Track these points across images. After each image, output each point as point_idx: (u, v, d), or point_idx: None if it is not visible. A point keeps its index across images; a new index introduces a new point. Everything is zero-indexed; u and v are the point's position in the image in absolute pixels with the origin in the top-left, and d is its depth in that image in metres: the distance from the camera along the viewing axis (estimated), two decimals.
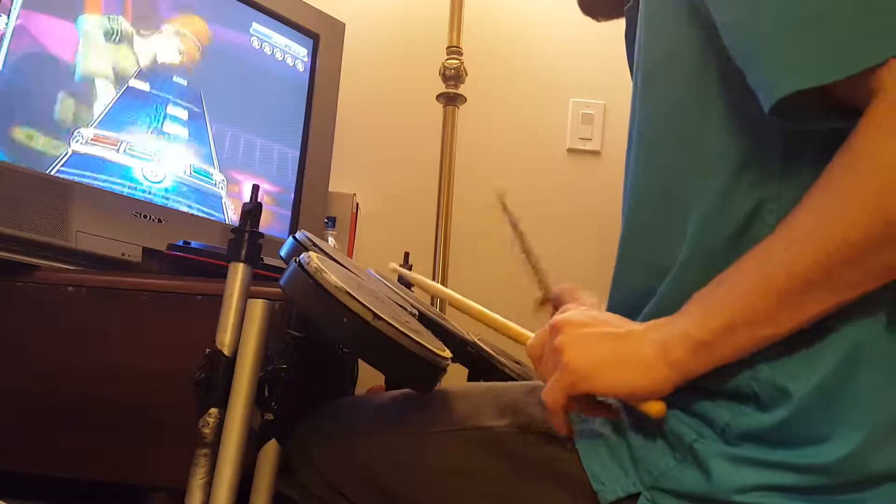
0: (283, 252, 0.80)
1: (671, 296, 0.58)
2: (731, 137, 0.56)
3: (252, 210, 0.73)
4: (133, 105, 1.12)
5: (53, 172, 1.02)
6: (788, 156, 0.54)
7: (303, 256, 0.64)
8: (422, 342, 0.63)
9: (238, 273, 0.72)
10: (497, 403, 0.67)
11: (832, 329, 0.52)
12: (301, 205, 1.36)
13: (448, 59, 1.55)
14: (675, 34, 0.59)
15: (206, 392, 0.69)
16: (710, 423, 0.56)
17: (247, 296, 0.71)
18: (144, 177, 1.13)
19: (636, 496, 0.57)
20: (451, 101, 1.55)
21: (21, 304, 0.91)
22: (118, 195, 1.08)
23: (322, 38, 1.43)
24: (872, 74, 0.46)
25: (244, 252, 0.72)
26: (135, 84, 1.13)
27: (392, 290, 0.85)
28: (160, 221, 1.10)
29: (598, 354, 0.55)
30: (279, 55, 1.36)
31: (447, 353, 0.66)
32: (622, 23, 0.74)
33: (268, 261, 0.90)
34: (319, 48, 1.42)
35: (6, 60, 0.98)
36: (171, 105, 1.17)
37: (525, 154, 1.76)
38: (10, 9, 0.99)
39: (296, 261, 0.64)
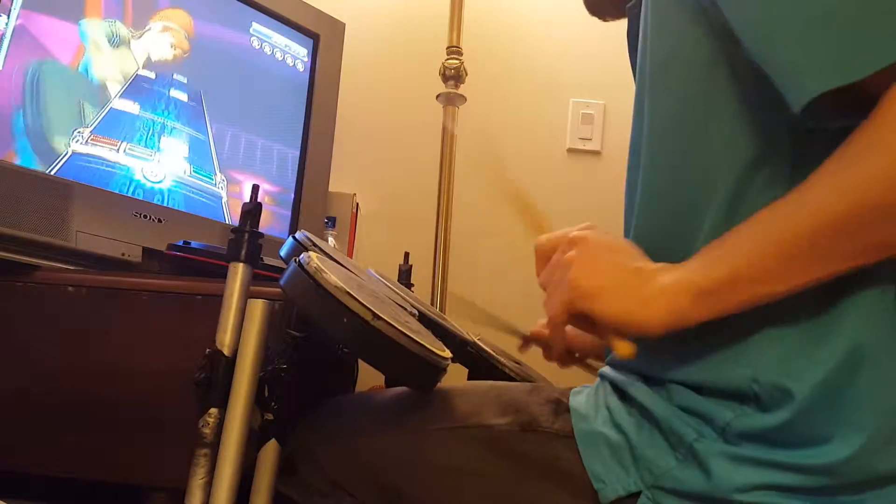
0: (283, 252, 0.80)
1: None
2: (741, 139, 0.56)
3: (252, 210, 0.73)
4: (133, 105, 1.12)
5: (53, 172, 1.02)
6: (799, 158, 0.54)
7: (303, 256, 0.64)
8: (422, 342, 0.63)
9: (238, 273, 0.71)
10: (498, 402, 0.67)
11: (832, 331, 0.53)
12: (301, 205, 1.36)
13: (448, 59, 1.55)
14: (682, 34, 0.59)
15: (206, 392, 0.69)
16: (711, 423, 0.56)
17: (247, 296, 0.71)
18: (144, 177, 1.13)
19: (636, 495, 0.57)
20: (451, 101, 1.55)
21: (21, 304, 0.91)
22: (118, 195, 1.08)
23: (322, 38, 1.43)
24: None
25: (244, 252, 0.72)
26: (135, 84, 1.13)
27: (392, 290, 0.85)
28: (160, 221, 1.10)
29: (604, 279, 0.56)
30: (279, 55, 1.36)
31: (447, 353, 0.66)
32: (623, 22, 0.74)
33: (268, 261, 0.90)
34: (319, 48, 1.42)
35: (6, 60, 0.98)
36: (172, 105, 1.17)
37: (525, 154, 1.76)
38: (10, 8, 0.99)
39: (296, 261, 0.64)
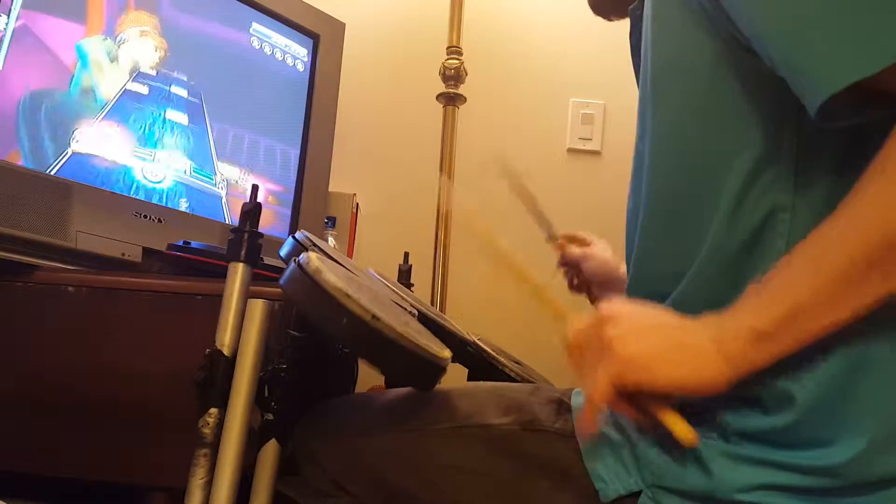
0: (283, 252, 0.80)
1: (683, 301, 0.58)
2: (745, 141, 0.55)
3: (252, 210, 0.73)
4: (133, 105, 1.12)
5: (53, 172, 1.02)
6: (802, 164, 0.54)
7: (302, 257, 0.64)
8: (422, 342, 0.63)
9: (238, 273, 0.71)
10: (500, 402, 0.67)
11: (836, 334, 0.52)
12: (301, 205, 1.36)
13: (448, 59, 1.55)
14: (685, 37, 0.58)
15: (206, 392, 0.69)
16: (713, 423, 0.56)
17: (247, 296, 0.71)
18: (144, 177, 1.13)
19: (637, 494, 0.57)
20: (451, 101, 1.55)
21: (21, 304, 0.91)
22: (118, 195, 1.08)
23: (322, 38, 1.43)
24: None
25: (244, 252, 0.72)
26: (135, 84, 1.13)
27: (392, 291, 0.85)
28: (160, 221, 1.10)
29: (652, 344, 0.53)
30: (279, 55, 1.36)
31: (447, 353, 0.66)
32: (624, 23, 0.74)
33: (268, 261, 0.90)
34: (319, 48, 1.42)
35: (6, 60, 0.98)
36: (172, 105, 1.17)
37: (525, 154, 1.76)
38: (10, 8, 0.99)
39: (295, 261, 0.64)
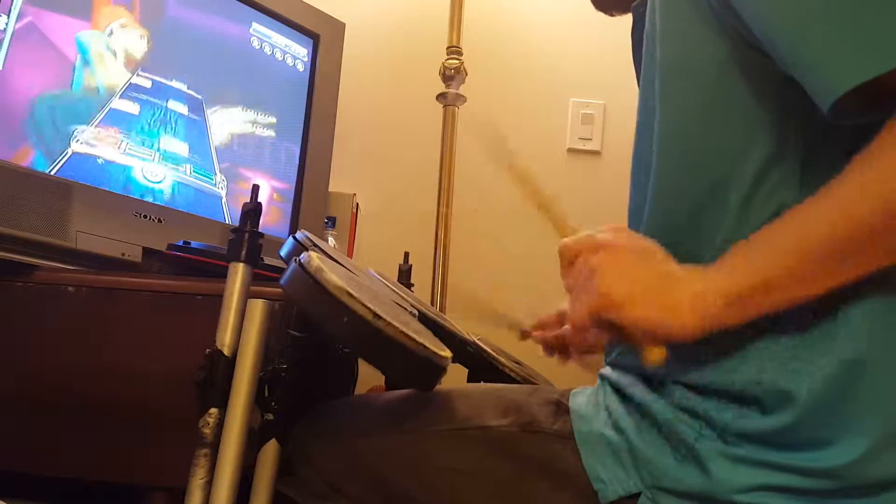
0: (283, 252, 0.80)
1: None
2: (752, 139, 0.55)
3: (252, 210, 0.73)
4: (134, 105, 1.12)
5: (53, 172, 1.02)
6: (808, 163, 0.54)
7: (303, 256, 0.64)
8: (422, 342, 0.63)
9: (238, 273, 0.71)
10: (499, 403, 0.67)
11: (836, 334, 0.52)
12: (301, 204, 1.36)
13: (448, 59, 1.55)
14: (691, 36, 0.58)
15: (206, 392, 0.69)
16: (712, 424, 0.56)
17: (247, 296, 0.71)
18: (144, 177, 1.13)
19: (637, 495, 0.57)
20: (451, 101, 1.55)
21: (21, 304, 0.91)
22: (118, 195, 1.08)
23: (322, 38, 1.43)
24: None
25: (244, 252, 0.72)
26: (135, 83, 1.13)
27: (392, 291, 0.85)
28: (160, 221, 1.10)
29: (631, 286, 0.54)
30: (279, 55, 1.36)
31: (447, 353, 0.66)
32: (624, 22, 0.74)
33: (268, 261, 0.90)
34: (319, 48, 1.42)
35: (6, 60, 0.98)
36: (172, 106, 1.17)
37: (525, 154, 1.75)
38: (11, 8, 0.99)
39: (296, 260, 0.64)
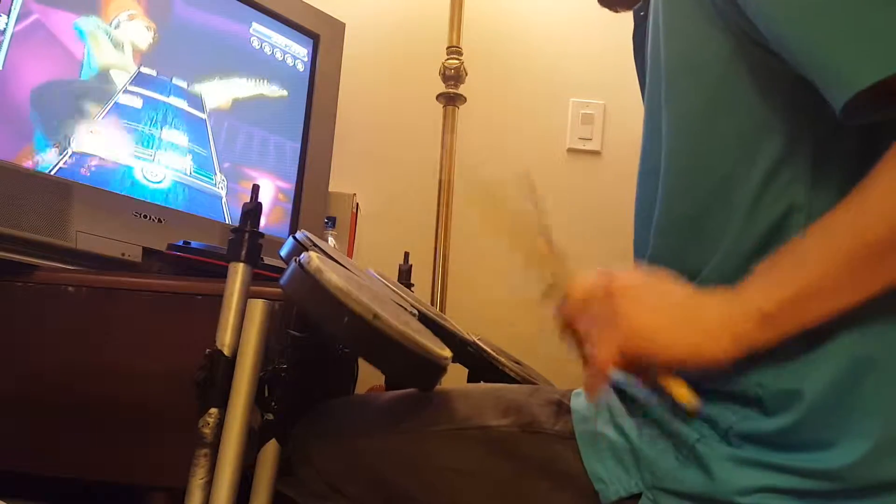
0: (283, 252, 0.80)
1: None
2: (761, 140, 0.55)
3: (252, 210, 0.73)
4: (133, 105, 1.12)
5: (53, 172, 1.02)
6: (818, 162, 0.54)
7: (303, 256, 0.64)
8: (422, 341, 0.63)
9: (238, 273, 0.71)
10: (499, 403, 0.67)
11: (839, 336, 0.52)
12: (301, 204, 1.36)
13: (448, 59, 1.55)
14: (697, 35, 0.58)
15: (206, 392, 0.69)
16: (714, 425, 0.56)
17: (247, 296, 0.71)
18: (144, 177, 1.13)
19: (637, 496, 0.57)
20: (451, 101, 1.55)
21: (21, 304, 0.91)
22: (118, 195, 1.08)
23: (322, 38, 1.43)
24: None
25: (244, 252, 0.72)
26: (135, 84, 1.13)
27: (392, 290, 0.85)
28: (160, 221, 1.10)
29: (661, 317, 0.53)
30: (279, 55, 1.36)
31: (447, 353, 0.66)
32: (625, 22, 0.73)
33: (268, 261, 0.90)
34: (319, 48, 1.42)
35: (6, 60, 0.98)
36: (172, 106, 1.17)
37: (525, 154, 1.76)
38: (10, 8, 0.99)
39: (296, 260, 0.64)
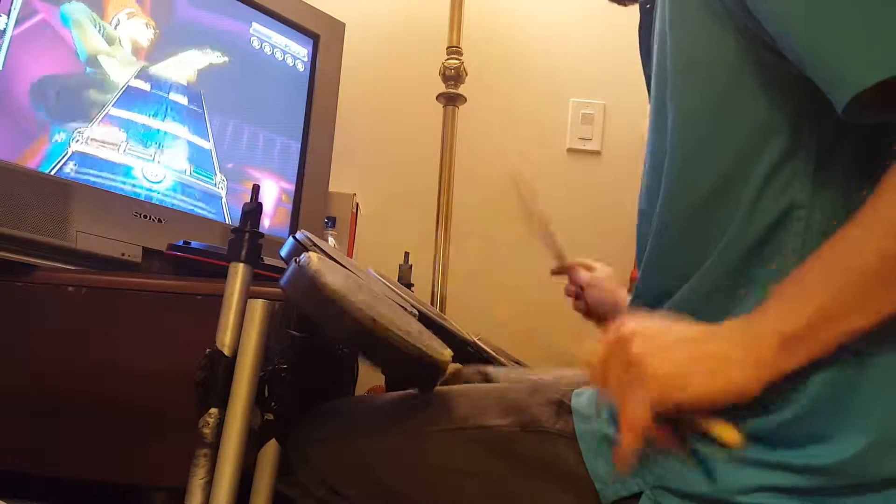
0: (284, 252, 0.80)
1: (686, 299, 0.58)
2: (766, 137, 0.55)
3: (252, 210, 0.73)
4: (134, 105, 1.12)
5: (53, 172, 1.02)
6: (821, 161, 0.54)
7: (303, 257, 0.64)
8: (422, 342, 0.63)
9: (238, 273, 0.71)
10: (499, 403, 0.67)
11: None
12: (301, 204, 1.36)
13: (448, 59, 1.55)
14: (703, 33, 0.57)
15: (206, 392, 0.69)
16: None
17: (247, 296, 0.71)
18: (144, 177, 1.13)
19: (638, 496, 0.57)
20: (451, 101, 1.55)
21: (21, 304, 0.91)
22: (118, 195, 1.08)
23: (322, 38, 1.43)
24: None
25: (244, 252, 0.72)
26: (135, 84, 1.13)
27: (392, 290, 0.85)
28: (160, 221, 1.10)
29: (683, 360, 0.51)
30: (279, 55, 1.36)
31: (448, 353, 0.66)
32: (624, 22, 0.73)
33: (268, 261, 0.90)
34: (319, 48, 1.42)
35: (6, 60, 0.98)
36: (172, 106, 1.17)
37: (525, 154, 1.76)
38: (11, 8, 0.99)
39: (296, 262, 0.64)
